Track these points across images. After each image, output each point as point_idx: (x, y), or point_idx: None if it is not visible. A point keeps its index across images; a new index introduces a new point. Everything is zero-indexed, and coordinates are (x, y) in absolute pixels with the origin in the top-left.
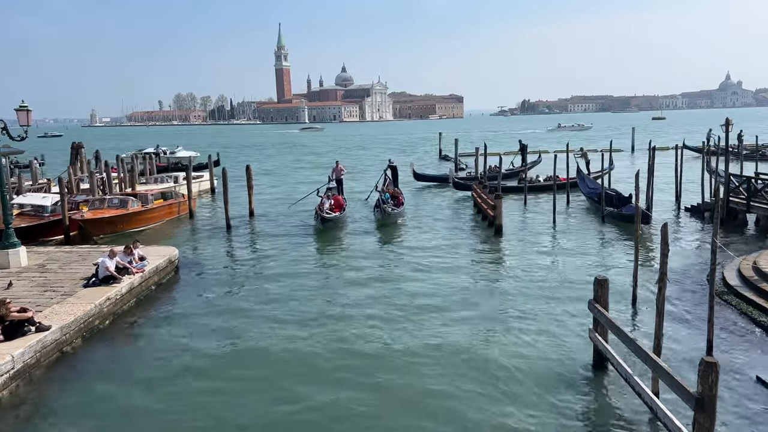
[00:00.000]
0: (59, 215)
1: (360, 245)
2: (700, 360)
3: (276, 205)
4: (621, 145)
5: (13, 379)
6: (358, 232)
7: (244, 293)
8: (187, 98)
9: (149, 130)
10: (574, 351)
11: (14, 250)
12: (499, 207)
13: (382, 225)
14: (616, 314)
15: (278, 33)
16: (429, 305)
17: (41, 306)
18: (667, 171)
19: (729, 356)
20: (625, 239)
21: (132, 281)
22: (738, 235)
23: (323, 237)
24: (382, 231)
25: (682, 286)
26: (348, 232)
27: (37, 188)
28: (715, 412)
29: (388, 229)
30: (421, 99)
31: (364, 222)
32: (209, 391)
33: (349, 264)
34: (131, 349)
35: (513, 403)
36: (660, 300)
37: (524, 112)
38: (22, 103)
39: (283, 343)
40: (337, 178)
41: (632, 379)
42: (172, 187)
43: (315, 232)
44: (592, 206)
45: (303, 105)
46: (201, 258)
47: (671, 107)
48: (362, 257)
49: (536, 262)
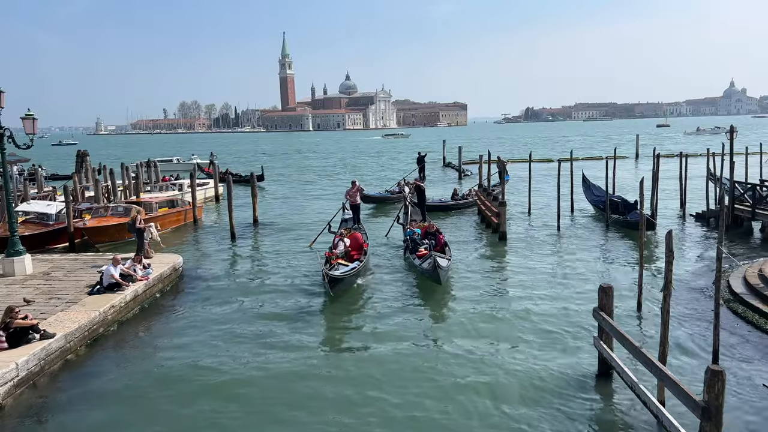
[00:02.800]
0: (64, 223)
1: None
2: (707, 368)
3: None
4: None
5: (18, 386)
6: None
7: (248, 302)
8: (191, 106)
9: (152, 138)
10: (578, 359)
11: (19, 257)
12: (503, 214)
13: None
14: (621, 322)
15: (282, 41)
16: (430, 306)
17: (46, 313)
18: (672, 178)
19: (735, 364)
20: (630, 246)
21: (136, 289)
22: (743, 243)
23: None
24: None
25: (688, 294)
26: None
27: (42, 196)
28: (721, 421)
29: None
30: (424, 107)
31: (389, 274)
32: (213, 401)
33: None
34: (135, 357)
35: (517, 410)
36: (665, 307)
37: (528, 120)
38: (28, 112)
39: (288, 352)
40: (353, 204)
41: (637, 387)
42: (178, 195)
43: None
44: (597, 214)
45: (307, 113)
46: (205, 266)
47: (675, 114)
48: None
49: (540, 269)
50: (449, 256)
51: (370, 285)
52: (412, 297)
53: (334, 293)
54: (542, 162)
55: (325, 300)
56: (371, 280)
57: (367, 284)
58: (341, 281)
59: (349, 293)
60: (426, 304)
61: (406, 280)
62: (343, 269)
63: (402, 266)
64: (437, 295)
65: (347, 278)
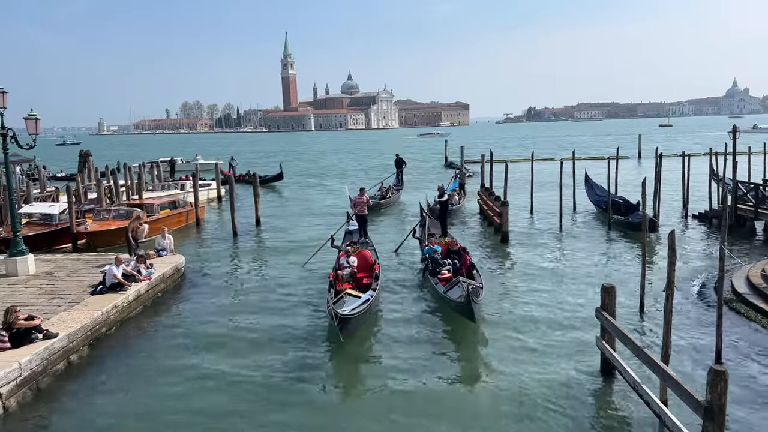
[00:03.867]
0: (67, 223)
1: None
2: (709, 368)
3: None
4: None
5: (20, 386)
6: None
7: (250, 302)
8: (194, 106)
9: (155, 138)
10: (581, 359)
11: (22, 257)
12: (505, 214)
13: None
14: (623, 322)
15: (284, 41)
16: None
17: (49, 313)
18: (675, 178)
19: (738, 364)
20: (632, 246)
21: (139, 289)
22: (746, 243)
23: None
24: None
25: (690, 294)
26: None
27: (45, 196)
28: (724, 421)
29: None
30: (427, 106)
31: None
32: (215, 401)
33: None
34: (138, 356)
35: (519, 411)
36: (668, 307)
37: (530, 120)
38: (30, 112)
39: (289, 352)
40: (360, 215)
41: (640, 387)
42: (180, 195)
43: (324, 231)
44: (599, 214)
45: (309, 113)
46: (207, 266)
47: (678, 114)
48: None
49: (543, 269)
50: (480, 281)
51: (383, 314)
52: (435, 329)
53: (344, 337)
54: (545, 161)
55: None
56: (384, 306)
57: (380, 313)
58: (352, 321)
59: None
60: (455, 340)
61: (427, 308)
62: (353, 303)
63: (418, 287)
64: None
65: (359, 316)
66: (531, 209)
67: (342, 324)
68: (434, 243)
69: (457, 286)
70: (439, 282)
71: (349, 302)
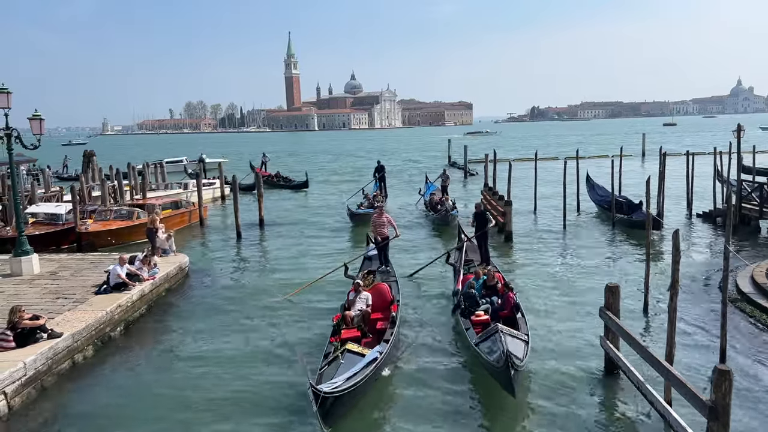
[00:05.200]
0: (72, 223)
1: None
2: (714, 368)
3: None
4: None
5: (25, 385)
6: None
7: (254, 301)
8: (197, 106)
9: (159, 138)
10: (585, 358)
11: (27, 257)
12: (508, 213)
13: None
14: (627, 321)
15: (288, 41)
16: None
17: (53, 313)
18: (679, 177)
19: (742, 364)
20: (635, 246)
21: (143, 288)
22: (751, 242)
23: (332, 241)
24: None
25: (695, 293)
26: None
27: (49, 196)
28: (728, 421)
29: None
30: (430, 106)
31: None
32: (220, 399)
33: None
34: (142, 356)
35: (523, 410)
36: (672, 307)
37: (534, 119)
38: (35, 112)
39: (290, 353)
40: (380, 237)
41: (644, 386)
42: (183, 195)
43: (327, 236)
44: (601, 213)
45: (312, 113)
46: (211, 266)
47: (682, 113)
48: None
49: (546, 268)
50: (525, 331)
51: (393, 371)
52: (464, 396)
53: (329, 424)
54: (548, 160)
55: (335, 295)
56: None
57: (390, 368)
58: (341, 401)
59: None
60: (490, 412)
61: (456, 362)
62: (350, 368)
63: (443, 328)
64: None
65: (352, 392)
66: (534, 208)
67: (323, 407)
68: (473, 274)
69: (492, 338)
70: (471, 326)
71: (346, 364)
